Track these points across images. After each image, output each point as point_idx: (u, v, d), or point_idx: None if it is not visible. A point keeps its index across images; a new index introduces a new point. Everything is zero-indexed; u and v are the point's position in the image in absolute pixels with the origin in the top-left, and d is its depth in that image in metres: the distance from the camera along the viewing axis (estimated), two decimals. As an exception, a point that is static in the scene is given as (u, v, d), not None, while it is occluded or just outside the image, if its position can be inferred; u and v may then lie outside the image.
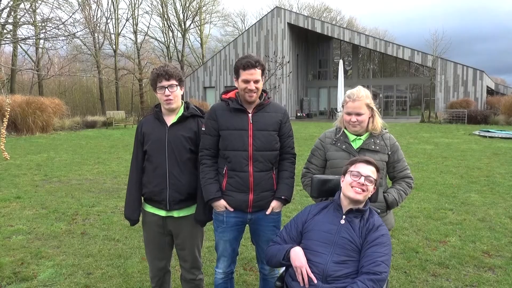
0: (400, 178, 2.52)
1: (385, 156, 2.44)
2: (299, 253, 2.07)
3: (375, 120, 2.45)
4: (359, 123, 2.41)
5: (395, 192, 2.45)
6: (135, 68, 35.85)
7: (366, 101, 2.41)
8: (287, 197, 2.50)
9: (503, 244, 4.28)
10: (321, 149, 2.56)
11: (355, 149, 2.43)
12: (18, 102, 17.12)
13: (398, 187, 2.49)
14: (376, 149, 2.42)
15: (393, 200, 2.43)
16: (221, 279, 2.59)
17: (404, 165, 2.51)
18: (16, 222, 5.14)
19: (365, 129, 2.46)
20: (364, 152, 2.41)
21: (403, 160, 2.52)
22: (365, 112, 2.41)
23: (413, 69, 30.77)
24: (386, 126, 2.56)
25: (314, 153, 2.60)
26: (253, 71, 2.36)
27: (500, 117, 21.80)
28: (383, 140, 2.46)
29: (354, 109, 2.40)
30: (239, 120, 2.43)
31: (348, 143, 2.46)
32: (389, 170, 2.53)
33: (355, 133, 2.47)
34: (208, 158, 2.48)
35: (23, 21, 15.95)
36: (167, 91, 2.43)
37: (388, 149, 2.46)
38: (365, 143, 2.44)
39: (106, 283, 3.42)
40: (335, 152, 2.49)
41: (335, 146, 2.50)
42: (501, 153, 10.95)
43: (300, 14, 32.37)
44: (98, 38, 32.08)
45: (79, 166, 9.49)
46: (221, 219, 2.51)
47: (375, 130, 2.45)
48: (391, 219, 2.58)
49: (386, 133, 2.51)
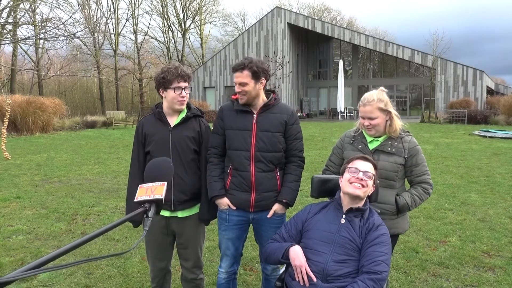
0: (417, 183, 2.46)
1: (401, 159, 2.40)
2: (298, 252, 2.07)
3: (394, 123, 2.41)
4: (373, 126, 2.40)
5: (408, 196, 2.41)
6: (135, 68, 35.86)
7: (379, 105, 2.37)
8: (288, 201, 2.49)
9: (503, 244, 4.28)
10: (340, 147, 2.58)
11: (369, 150, 2.42)
12: (18, 102, 17.12)
13: (413, 191, 2.44)
14: (392, 151, 2.40)
15: (404, 204, 2.38)
16: (223, 279, 2.59)
17: (423, 170, 2.44)
18: (16, 222, 5.14)
19: (383, 131, 2.43)
20: (379, 154, 2.40)
21: (423, 165, 2.45)
22: (378, 116, 2.38)
23: (413, 69, 30.77)
24: (407, 129, 2.51)
25: (334, 151, 2.62)
26: (238, 73, 2.40)
27: (500, 117, 21.80)
28: (402, 143, 2.42)
29: (366, 114, 2.39)
30: (243, 120, 2.46)
31: (364, 143, 2.46)
32: (407, 174, 2.48)
33: (372, 136, 2.46)
34: (215, 157, 2.53)
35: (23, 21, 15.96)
36: (183, 92, 2.47)
37: (406, 152, 2.41)
38: (381, 144, 2.43)
39: (106, 283, 3.42)
40: (351, 151, 2.48)
41: (352, 145, 2.50)
42: (501, 153, 10.95)
43: (300, 14, 32.34)
44: (98, 38, 32.09)
45: (79, 166, 9.49)
46: (224, 217, 2.53)
47: (394, 133, 2.42)
48: (403, 223, 2.51)
49: (407, 135, 2.47)
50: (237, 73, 2.41)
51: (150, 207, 1.26)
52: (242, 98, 2.44)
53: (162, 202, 1.28)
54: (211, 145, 2.55)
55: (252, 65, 2.38)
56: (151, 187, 1.31)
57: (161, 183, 1.33)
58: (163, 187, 1.31)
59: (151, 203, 1.27)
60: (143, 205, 1.27)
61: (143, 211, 1.25)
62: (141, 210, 1.25)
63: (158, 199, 1.27)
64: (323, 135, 16.48)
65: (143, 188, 1.32)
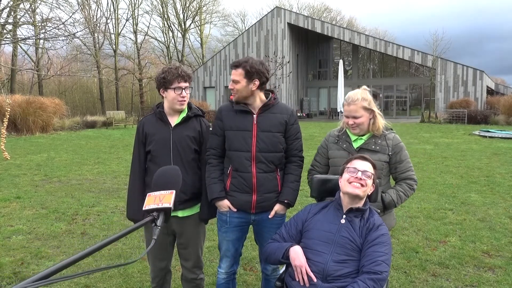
0: (401, 179, 2.50)
1: (385, 156, 2.44)
2: (298, 252, 2.06)
3: (377, 121, 2.44)
4: (357, 125, 2.43)
5: (394, 193, 2.44)
6: (135, 68, 35.85)
7: (363, 104, 2.40)
8: (289, 201, 2.48)
9: (503, 244, 4.28)
10: (325, 147, 2.60)
11: (354, 149, 2.45)
12: (18, 102, 17.12)
13: (398, 188, 2.47)
14: (376, 149, 2.43)
15: (390, 201, 2.42)
16: (223, 279, 2.59)
17: (407, 167, 2.48)
18: (16, 222, 5.14)
19: (366, 130, 2.47)
20: (364, 151, 2.42)
21: (407, 161, 2.49)
22: (363, 114, 2.41)
23: (413, 69, 30.77)
24: (391, 127, 2.55)
25: (319, 151, 2.64)
26: (234, 71, 2.42)
27: (500, 117, 21.81)
28: (386, 141, 2.46)
29: (350, 113, 2.42)
30: (243, 121, 2.44)
31: (349, 142, 2.48)
32: (392, 171, 2.51)
33: (356, 134, 2.49)
34: (214, 158, 2.51)
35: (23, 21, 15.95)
36: (184, 92, 2.48)
37: (390, 150, 2.45)
38: (365, 143, 2.45)
39: (106, 283, 3.42)
40: (336, 151, 2.51)
41: (336, 145, 2.52)
42: (501, 153, 10.95)
43: (300, 14, 32.35)
44: (98, 38, 32.09)
45: (79, 166, 9.49)
46: (225, 219, 2.52)
47: (377, 131, 2.45)
48: (389, 220, 2.56)
49: (389, 133, 2.50)
50: (233, 70, 2.43)
51: (159, 215, 1.25)
52: (234, 95, 2.46)
53: (170, 210, 1.27)
54: (210, 146, 2.53)
55: (247, 64, 2.38)
56: (160, 196, 1.30)
57: (169, 191, 1.32)
58: (171, 195, 1.30)
59: (160, 212, 1.26)
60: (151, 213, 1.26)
61: (151, 220, 1.24)
62: (150, 218, 1.24)
63: (167, 207, 1.26)
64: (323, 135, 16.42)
65: (152, 197, 1.31)
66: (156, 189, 1.35)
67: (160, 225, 1.23)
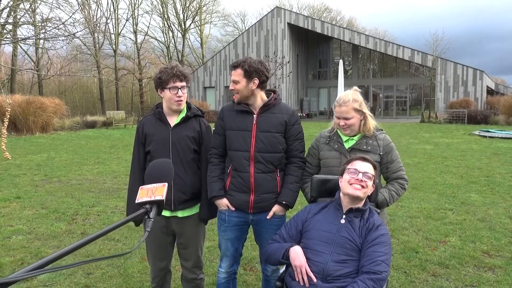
0: (393, 179, 2.51)
1: (377, 156, 2.44)
2: (298, 252, 2.07)
3: (367, 122, 2.46)
4: (348, 126, 2.44)
5: (386, 192, 2.45)
6: (135, 68, 35.85)
7: (354, 105, 2.41)
8: (288, 203, 2.47)
9: (503, 244, 4.28)
10: (316, 148, 2.60)
11: (346, 149, 2.46)
12: (18, 102, 17.13)
13: (390, 187, 2.49)
14: (368, 149, 2.44)
15: (383, 200, 2.43)
16: (223, 278, 2.59)
17: (398, 166, 2.50)
18: (16, 222, 5.14)
19: (357, 131, 2.48)
20: (355, 152, 2.42)
21: (398, 161, 2.51)
22: (354, 116, 2.42)
23: (413, 69, 30.78)
24: (380, 128, 2.56)
25: (310, 152, 2.64)
26: (233, 71, 2.43)
27: (500, 117, 21.81)
28: (377, 141, 2.47)
29: (341, 114, 2.43)
30: (243, 121, 2.45)
31: (340, 143, 2.49)
32: (383, 171, 2.53)
33: (347, 135, 2.50)
34: (216, 157, 2.53)
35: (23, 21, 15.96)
36: (180, 92, 2.47)
37: (381, 150, 2.46)
38: (357, 143, 2.46)
39: (106, 283, 3.42)
40: (328, 151, 2.52)
41: (328, 145, 2.53)
42: (501, 153, 10.95)
43: (300, 14, 32.35)
44: (98, 38, 32.10)
45: (79, 166, 9.49)
46: (223, 218, 2.53)
47: (368, 132, 2.47)
48: (382, 219, 2.57)
49: (380, 133, 2.51)
50: (233, 71, 2.44)
51: (151, 208, 1.27)
52: (235, 96, 2.46)
53: (163, 203, 1.29)
54: (212, 145, 2.55)
55: (245, 64, 2.38)
56: (152, 188, 1.32)
57: (161, 184, 1.33)
58: (164, 188, 1.31)
59: (152, 204, 1.28)
60: (144, 206, 1.27)
61: (144, 212, 1.25)
62: (143, 211, 1.25)
63: (159, 200, 1.28)
64: (323, 135, 16.47)
65: (144, 190, 1.33)
66: (149, 182, 1.36)
67: (153, 218, 1.24)
